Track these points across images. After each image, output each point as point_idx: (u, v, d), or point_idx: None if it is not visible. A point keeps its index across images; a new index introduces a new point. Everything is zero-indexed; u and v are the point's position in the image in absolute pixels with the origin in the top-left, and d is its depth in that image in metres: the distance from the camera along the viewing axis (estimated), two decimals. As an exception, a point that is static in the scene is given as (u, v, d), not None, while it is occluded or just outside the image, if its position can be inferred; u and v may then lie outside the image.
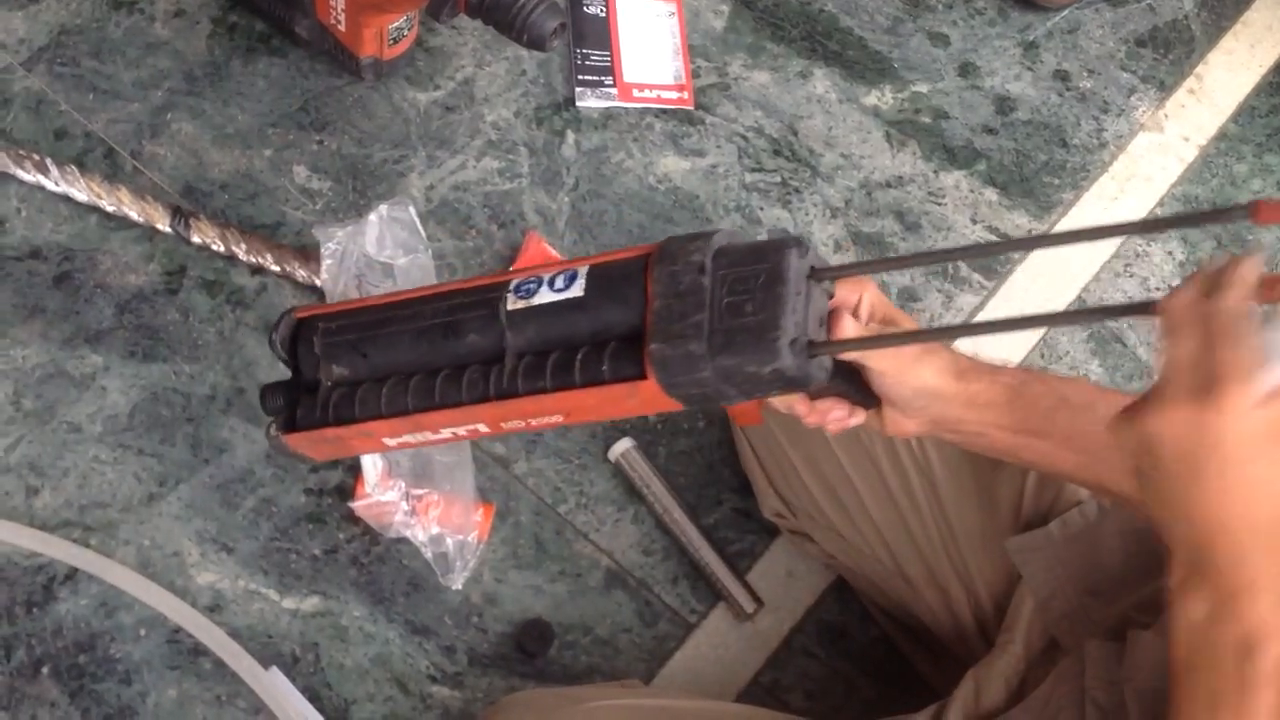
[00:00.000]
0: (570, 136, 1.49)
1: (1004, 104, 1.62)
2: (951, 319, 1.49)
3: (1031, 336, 1.50)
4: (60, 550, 1.19)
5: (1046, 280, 1.53)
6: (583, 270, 0.73)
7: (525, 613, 1.26)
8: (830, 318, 0.76)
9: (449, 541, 1.22)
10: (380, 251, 1.32)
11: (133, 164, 1.36)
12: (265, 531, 1.23)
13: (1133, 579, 1.01)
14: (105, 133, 1.38)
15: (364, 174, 1.42)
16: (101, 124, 1.38)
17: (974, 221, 1.55)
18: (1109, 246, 1.56)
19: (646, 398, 0.71)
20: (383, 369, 0.78)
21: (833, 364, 0.73)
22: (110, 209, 1.32)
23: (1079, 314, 1.04)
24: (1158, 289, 1.55)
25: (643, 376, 0.70)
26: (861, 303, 0.81)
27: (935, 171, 1.57)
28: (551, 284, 0.73)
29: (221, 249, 1.33)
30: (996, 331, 0.72)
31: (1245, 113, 1.69)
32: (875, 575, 1.20)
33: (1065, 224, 1.57)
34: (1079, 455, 0.87)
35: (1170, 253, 1.58)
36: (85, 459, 1.24)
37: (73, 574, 1.19)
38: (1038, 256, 1.53)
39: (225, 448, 1.25)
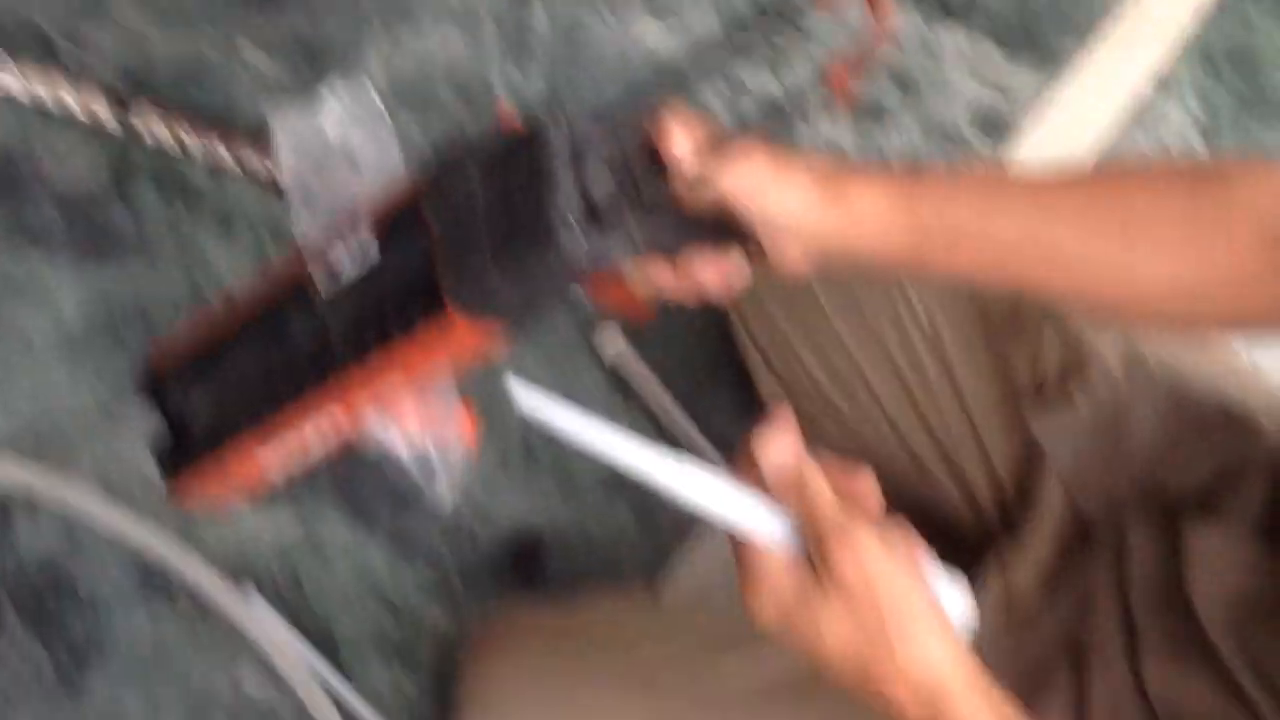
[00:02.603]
0: (538, 5, 1.38)
1: (1003, -50, 1.52)
2: (956, 185, 1.40)
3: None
4: (16, 475, 1.11)
5: (1058, 137, 1.44)
6: (371, 219, 0.73)
7: (518, 526, 1.19)
8: (659, 141, 0.68)
9: (433, 449, 1.14)
10: (340, 135, 1.22)
11: (71, 51, 1.26)
12: (234, 445, 1.15)
13: (1172, 458, 0.94)
14: (41, 19, 1.27)
15: (319, 53, 1.32)
16: (37, 9, 1.27)
17: (973, 77, 1.45)
18: (1122, 101, 1.48)
19: (463, 335, 0.68)
20: (234, 388, 0.77)
21: (682, 213, 0.68)
22: (51, 103, 1.22)
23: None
24: (1173, 145, 1.47)
25: (446, 315, 0.67)
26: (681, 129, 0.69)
27: (931, 26, 1.47)
28: (351, 257, 0.72)
29: (171, 142, 1.24)
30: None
31: (1261, -48, 1.58)
32: (882, 459, 1.12)
33: (1073, 76, 1.48)
34: (997, 253, 0.74)
35: (1188, 109, 1.49)
36: (37, 375, 1.16)
37: (32, 500, 1.11)
38: (1049, 113, 1.45)
39: (185, 357, 1.17)
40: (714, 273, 0.72)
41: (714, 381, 1.27)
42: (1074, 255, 0.75)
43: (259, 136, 1.25)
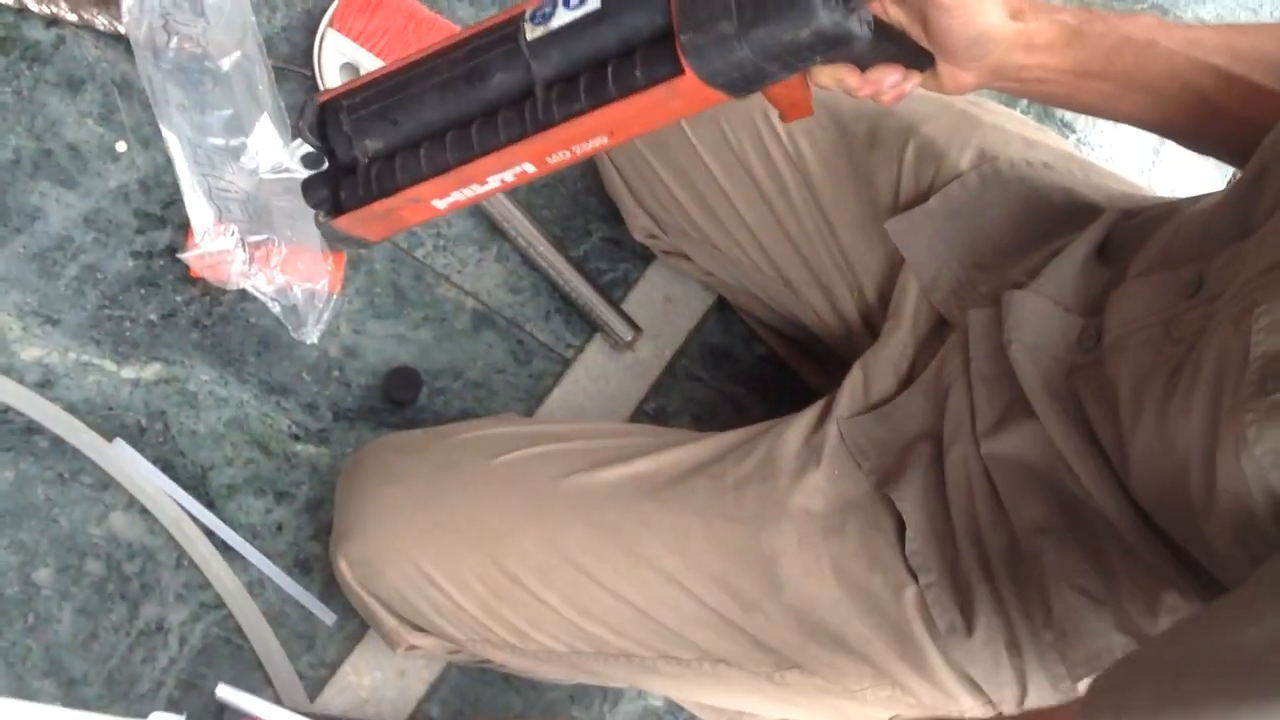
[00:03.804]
0: None
1: None
2: None
3: None
4: None
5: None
6: None
7: (389, 363, 1.18)
8: None
9: (297, 292, 1.12)
10: (186, -14, 1.19)
11: (-108, -87, 1.20)
12: (92, 300, 1.12)
13: (1018, 247, 0.96)
14: None
15: (162, -90, 1.27)
16: None
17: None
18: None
19: (688, 94, 0.67)
20: (416, 133, 0.75)
21: (876, 21, 0.69)
22: (-128, -36, 1.17)
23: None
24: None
25: (680, 72, 0.65)
26: None
27: None
28: (566, 2, 0.69)
29: (9, 1, 1.19)
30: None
31: None
32: (755, 285, 1.14)
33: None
34: (1143, 95, 0.81)
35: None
36: (-120, 241, 1.12)
37: (-118, 364, 1.08)
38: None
39: (37, 215, 1.14)
40: (895, 81, 0.77)
41: (584, 219, 1.27)
42: (1215, 104, 0.80)
43: (103, -8, 1.21)
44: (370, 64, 1.23)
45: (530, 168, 0.73)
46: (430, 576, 0.91)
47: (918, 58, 0.78)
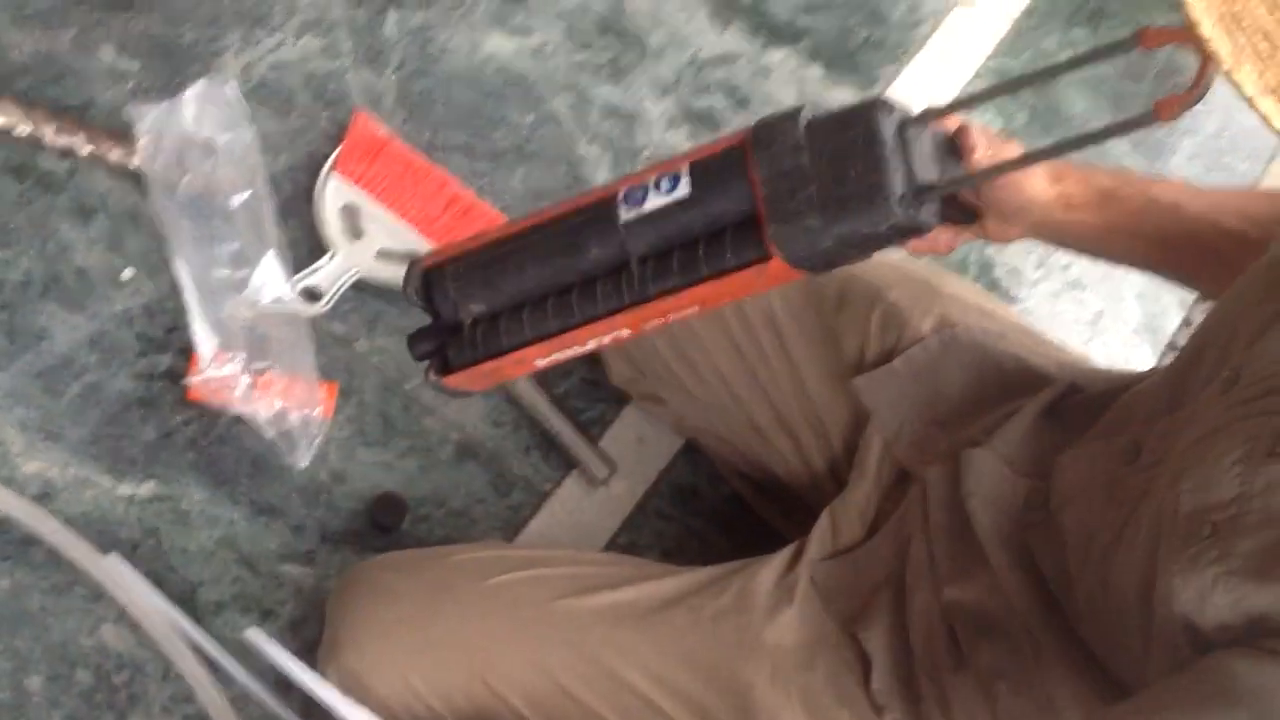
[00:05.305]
0: (391, 15, 1.44)
1: (825, -18, 1.64)
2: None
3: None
4: None
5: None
6: (684, 169, 0.77)
7: (375, 489, 1.23)
8: (961, 138, 0.82)
9: (292, 418, 1.18)
10: (200, 130, 1.26)
11: (-77, 45, 1.27)
12: (93, 418, 1.17)
13: (974, 408, 1.03)
14: (-111, 13, 1.28)
15: (176, 54, 1.35)
16: (-116, 3, 1.28)
17: (800, 95, 1.56)
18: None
19: (773, 274, 0.75)
20: (516, 297, 0.82)
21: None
22: (-99, 92, 1.23)
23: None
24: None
25: (768, 258, 0.74)
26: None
27: (761, 48, 1.58)
28: (658, 188, 0.77)
29: (28, 132, 1.25)
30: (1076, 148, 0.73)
31: (1052, -12, 1.75)
32: (725, 430, 1.21)
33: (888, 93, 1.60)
34: (1165, 252, 0.91)
35: (986, 121, 1.62)
36: (-111, 352, 1.16)
37: (-117, 471, 1.11)
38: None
39: (44, 335, 1.19)
40: (948, 239, 0.90)
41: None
42: (1230, 262, 0.88)
43: (119, 131, 1.27)
44: (369, 207, 1.30)
45: (626, 332, 0.80)
46: (418, 692, 0.96)
47: (966, 215, 0.89)
